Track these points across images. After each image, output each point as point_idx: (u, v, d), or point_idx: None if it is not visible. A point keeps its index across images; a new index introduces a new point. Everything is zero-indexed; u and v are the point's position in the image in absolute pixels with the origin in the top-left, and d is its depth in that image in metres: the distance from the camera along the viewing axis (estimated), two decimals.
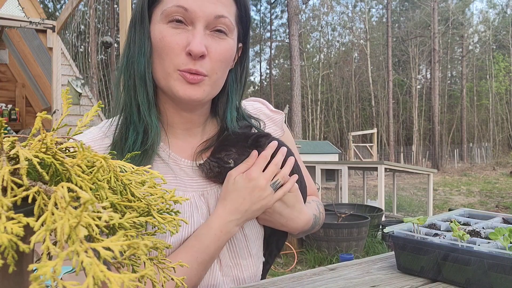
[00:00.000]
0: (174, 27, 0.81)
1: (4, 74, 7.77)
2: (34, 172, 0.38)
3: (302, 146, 9.16)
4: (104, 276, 0.28)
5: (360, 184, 11.78)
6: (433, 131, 24.17)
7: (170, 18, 0.80)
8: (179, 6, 0.79)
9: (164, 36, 0.80)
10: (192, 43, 0.78)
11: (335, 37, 34.00)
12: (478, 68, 31.28)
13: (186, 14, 0.79)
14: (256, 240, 0.95)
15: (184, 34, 0.80)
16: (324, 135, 30.47)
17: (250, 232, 0.93)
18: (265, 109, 1.07)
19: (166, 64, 0.82)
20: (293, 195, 0.91)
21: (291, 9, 13.15)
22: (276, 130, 1.05)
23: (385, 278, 0.84)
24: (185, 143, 0.93)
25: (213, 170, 0.87)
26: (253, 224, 0.94)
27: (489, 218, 0.99)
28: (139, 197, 0.44)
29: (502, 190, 11.94)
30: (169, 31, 0.80)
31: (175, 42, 0.80)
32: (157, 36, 0.82)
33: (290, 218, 0.91)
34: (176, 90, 0.82)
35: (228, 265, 0.90)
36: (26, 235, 0.31)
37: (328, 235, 4.71)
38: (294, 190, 0.91)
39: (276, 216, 0.90)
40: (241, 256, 0.91)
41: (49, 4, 23.39)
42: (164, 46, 0.81)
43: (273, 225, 0.94)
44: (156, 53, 0.83)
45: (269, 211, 0.89)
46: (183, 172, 0.90)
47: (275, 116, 1.07)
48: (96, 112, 0.46)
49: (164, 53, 0.81)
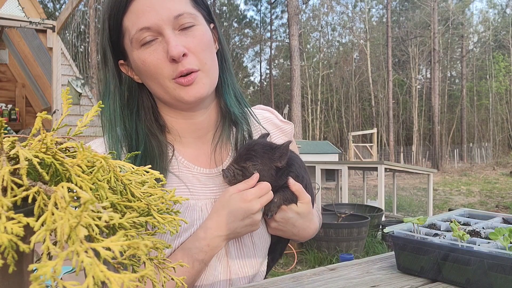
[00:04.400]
0: (147, 47, 0.83)
1: (4, 74, 7.76)
2: (34, 172, 0.38)
3: (302, 146, 9.17)
4: (104, 276, 0.28)
5: (360, 184, 11.78)
6: (433, 131, 24.17)
7: (141, 42, 0.83)
8: (141, 29, 0.82)
9: (144, 60, 0.83)
10: (169, 49, 0.81)
11: (335, 37, 34.01)
12: (478, 68, 31.27)
13: (150, 31, 0.82)
14: (263, 248, 0.97)
15: (159, 48, 0.83)
16: (324, 135, 30.47)
17: (259, 241, 0.95)
18: (275, 119, 1.09)
19: (160, 80, 0.85)
20: (306, 206, 0.92)
21: (291, 9, 13.14)
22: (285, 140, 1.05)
23: (385, 278, 0.84)
24: (197, 151, 0.95)
25: (237, 178, 0.88)
26: (262, 233, 0.95)
27: (489, 218, 0.99)
28: (139, 197, 0.44)
29: (502, 190, 11.93)
30: (146, 53, 0.83)
31: (156, 59, 0.83)
32: (138, 63, 0.85)
33: (302, 228, 0.94)
34: (180, 97, 0.85)
35: (236, 272, 0.92)
36: (26, 235, 0.31)
37: (328, 235, 4.71)
38: (307, 202, 0.93)
39: (290, 227, 0.93)
40: (249, 264, 0.93)
41: (49, 4, 23.38)
42: (149, 68, 0.84)
43: (285, 235, 0.97)
44: (146, 78, 0.87)
45: (283, 221, 0.91)
46: (196, 179, 0.91)
47: (286, 127, 1.09)
48: (96, 112, 0.46)
49: (152, 73, 0.84)
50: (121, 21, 0.84)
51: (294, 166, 0.94)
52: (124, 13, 0.83)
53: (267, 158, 0.89)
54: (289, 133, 1.08)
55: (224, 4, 33.34)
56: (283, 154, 0.90)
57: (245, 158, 0.88)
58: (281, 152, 0.90)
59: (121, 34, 0.86)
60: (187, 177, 0.90)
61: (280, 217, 0.92)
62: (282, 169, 0.91)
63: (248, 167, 0.88)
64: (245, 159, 0.88)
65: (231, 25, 33.63)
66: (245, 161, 0.88)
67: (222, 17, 32.96)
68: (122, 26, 0.85)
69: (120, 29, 0.85)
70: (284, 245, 1.05)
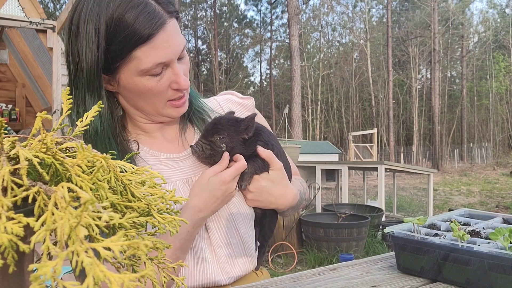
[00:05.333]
0: (153, 75, 0.87)
1: (4, 74, 7.76)
2: (34, 172, 0.38)
3: (302, 146, 9.15)
4: (104, 276, 0.28)
5: (360, 184, 11.78)
6: (433, 131, 24.16)
7: (150, 73, 0.86)
8: (159, 64, 0.85)
9: (150, 87, 0.87)
10: (180, 82, 0.88)
11: (335, 37, 34.01)
12: (478, 68, 31.25)
13: (163, 64, 0.87)
14: (245, 219, 0.99)
15: (165, 77, 0.88)
16: (324, 135, 30.46)
17: (236, 212, 0.98)
18: (235, 98, 1.16)
19: (157, 102, 0.91)
20: (278, 173, 0.96)
21: (291, 9, 13.14)
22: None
23: (385, 278, 0.84)
24: (164, 141, 1.01)
25: (205, 152, 0.92)
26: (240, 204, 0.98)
27: (489, 218, 0.99)
28: (139, 197, 0.44)
29: (502, 190, 11.93)
30: (152, 81, 0.87)
31: (162, 87, 0.88)
32: (141, 88, 0.88)
33: (279, 194, 0.96)
34: (170, 115, 0.94)
35: (219, 245, 0.95)
36: (26, 235, 0.31)
37: (328, 235, 4.71)
38: (279, 168, 0.96)
39: (265, 195, 0.96)
40: (231, 235, 0.96)
41: (49, 4, 23.39)
42: (152, 93, 0.89)
43: (262, 205, 0.99)
44: (140, 98, 0.91)
45: (258, 191, 0.95)
46: (164, 165, 0.96)
47: (246, 102, 1.15)
48: (96, 112, 0.46)
49: (153, 97, 0.90)
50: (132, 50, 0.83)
51: (262, 134, 0.97)
52: (140, 45, 0.83)
53: (233, 130, 0.93)
54: (250, 107, 1.14)
55: (224, 4, 33.34)
56: (249, 125, 0.93)
57: (212, 133, 0.93)
58: (246, 124, 0.93)
59: (125, 58, 0.84)
60: (155, 165, 0.95)
61: (254, 187, 0.95)
62: (250, 139, 0.94)
63: (215, 140, 0.92)
64: (212, 133, 0.93)
65: (231, 25, 33.63)
66: (212, 135, 0.92)
67: (222, 17, 32.95)
68: (131, 54, 0.84)
69: (126, 54, 0.84)
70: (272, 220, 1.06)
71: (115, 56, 0.84)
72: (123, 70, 0.87)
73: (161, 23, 0.84)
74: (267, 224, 1.04)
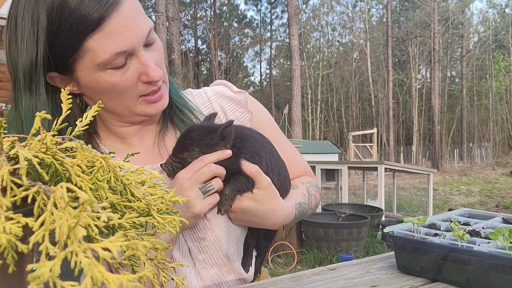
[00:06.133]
0: (116, 68, 0.75)
1: (4, 74, 7.75)
2: (34, 172, 0.38)
3: (302, 146, 9.16)
4: (103, 277, 0.28)
5: (360, 184, 11.78)
6: (433, 131, 24.17)
7: (111, 66, 0.74)
8: (118, 54, 0.73)
9: (114, 83, 0.76)
10: (150, 73, 0.76)
11: (335, 37, 34.01)
12: (478, 68, 31.26)
13: (125, 54, 0.75)
14: (231, 240, 0.90)
15: (131, 69, 0.76)
16: (324, 135, 30.45)
17: (221, 233, 0.88)
18: (228, 92, 1.02)
19: (127, 100, 0.79)
20: (264, 192, 0.83)
21: (291, 9, 13.14)
22: (242, 112, 1.00)
23: (385, 278, 0.84)
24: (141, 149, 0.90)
25: (175, 171, 0.82)
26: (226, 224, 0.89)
27: (489, 218, 0.99)
28: (139, 197, 0.44)
29: (502, 190, 11.93)
30: (115, 75, 0.75)
31: (128, 81, 0.76)
32: (103, 85, 0.76)
33: (265, 216, 0.85)
34: (145, 112, 0.82)
35: (204, 266, 0.88)
36: (25, 235, 0.31)
37: (328, 235, 4.71)
38: (265, 186, 0.83)
39: (249, 216, 0.85)
40: (216, 257, 0.88)
41: None
42: (118, 89, 0.77)
43: (248, 225, 0.91)
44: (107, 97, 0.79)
45: (240, 211, 0.84)
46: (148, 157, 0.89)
47: (238, 97, 1.01)
48: (96, 112, 0.46)
49: (119, 93, 0.78)
50: (83, 41, 0.71)
51: (247, 145, 0.84)
52: (91, 33, 0.71)
53: (205, 144, 0.81)
54: (243, 102, 1.00)
55: (224, 4, 33.35)
56: (225, 136, 0.81)
57: (181, 149, 0.82)
58: (221, 134, 0.81)
59: (77, 53, 0.73)
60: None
61: (236, 207, 0.84)
62: (233, 152, 0.82)
63: (185, 157, 0.81)
64: (181, 149, 0.82)
65: (231, 25, 33.62)
66: (182, 152, 0.82)
67: (222, 17, 32.94)
68: (82, 46, 0.72)
69: (77, 48, 0.72)
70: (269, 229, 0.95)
71: (65, 51, 0.72)
72: (79, 67, 0.75)
73: (113, 2, 0.71)
74: (262, 236, 0.97)
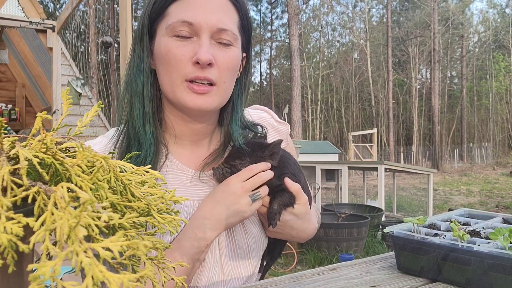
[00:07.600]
0: (179, 39, 0.82)
1: (4, 74, 7.77)
2: (34, 172, 0.38)
3: (302, 146, 9.15)
4: (103, 276, 0.28)
5: (360, 184, 11.78)
6: (433, 131, 24.17)
7: (175, 33, 0.81)
8: (184, 22, 0.80)
9: (170, 49, 0.81)
10: (200, 52, 0.79)
11: (335, 37, 34.00)
12: (478, 68, 31.26)
13: (191, 27, 0.81)
14: (259, 251, 0.96)
15: (190, 46, 0.81)
16: (324, 135, 30.46)
17: (254, 244, 0.94)
18: (270, 120, 1.08)
19: (174, 75, 0.82)
20: (303, 208, 0.91)
21: (291, 9, 13.14)
22: None
23: (385, 278, 0.84)
24: (192, 154, 0.94)
25: (225, 176, 0.88)
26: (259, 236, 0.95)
27: (489, 218, 0.99)
28: (139, 197, 0.44)
29: (502, 190, 11.93)
30: (175, 43, 0.82)
31: (181, 53, 0.81)
32: (162, 50, 0.83)
33: (301, 229, 0.93)
34: (184, 101, 0.83)
35: (229, 273, 0.91)
36: (26, 235, 0.31)
37: (328, 235, 4.71)
38: (304, 203, 0.91)
39: (288, 229, 0.92)
40: (243, 266, 0.93)
41: (49, 4, 23.39)
42: (170, 58, 0.82)
43: (283, 237, 0.96)
44: (162, 66, 0.84)
45: (281, 225, 0.90)
46: (189, 182, 0.91)
47: (281, 127, 1.08)
48: (96, 112, 0.46)
49: (171, 65, 0.82)
50: (169, 5, 0.83)
51: (289, 166, 0.93)
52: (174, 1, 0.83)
53: (255, 156, 0.89)
54: (284, 133, 1.08)
55: None
56: (274, 152, 0.89)
57: (234, 157, 0.89)
58: (271, 150, 0.89)
59: (161, 16, 0.85)
60: (180, 179, 0.90)
61: None
62: (276, 169, 0.90)
63: (236, 164, 0.88)
64: (234, 157, 0.89)
65: None
66: (234, 160, 0.89)
67: None
68: (167, 10, 0.84)
69: (162, 12, 0.84)
70: (283, 245, 1.05)
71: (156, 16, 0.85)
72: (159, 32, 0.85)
73: None
74: (278, 250, 1.03)
